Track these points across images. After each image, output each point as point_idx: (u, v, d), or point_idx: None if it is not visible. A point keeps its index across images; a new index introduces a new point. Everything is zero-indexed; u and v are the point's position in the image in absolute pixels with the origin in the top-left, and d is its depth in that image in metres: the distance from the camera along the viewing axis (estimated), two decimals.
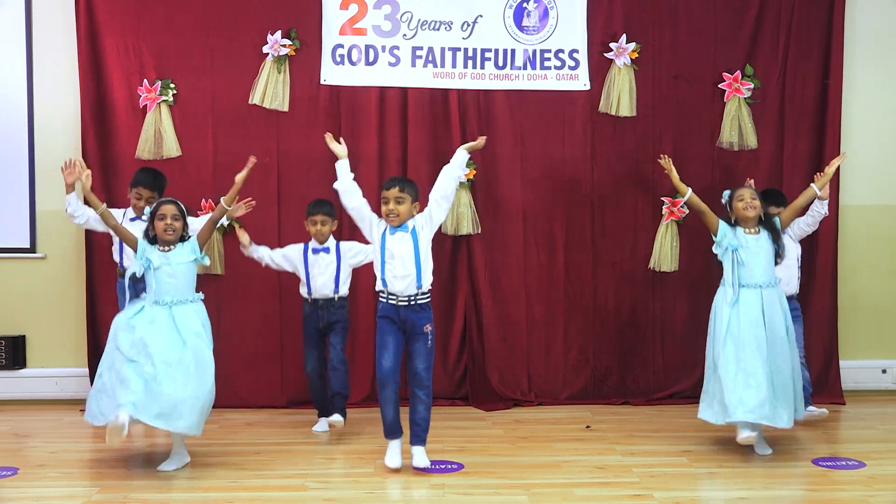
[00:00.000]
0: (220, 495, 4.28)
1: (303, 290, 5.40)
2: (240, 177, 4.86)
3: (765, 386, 4.68)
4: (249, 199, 5.39)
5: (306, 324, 5.40)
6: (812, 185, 5.11)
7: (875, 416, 5.82)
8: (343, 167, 4.68)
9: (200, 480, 4.50)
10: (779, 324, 4.83)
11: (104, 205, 4.89)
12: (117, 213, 5.51)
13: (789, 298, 5.34)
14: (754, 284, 4.84)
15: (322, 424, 5.42)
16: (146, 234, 4.72)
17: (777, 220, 4.97)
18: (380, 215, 4.65)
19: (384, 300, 4.62)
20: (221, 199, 4.86)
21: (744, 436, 4.76)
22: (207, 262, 4.84)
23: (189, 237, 4.76)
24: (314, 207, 5.35)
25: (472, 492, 4.31)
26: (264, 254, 5.45)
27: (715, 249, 4.95)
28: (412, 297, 4.57)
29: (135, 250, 4.71)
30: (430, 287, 4.65)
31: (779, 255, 4.93)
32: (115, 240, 5.55)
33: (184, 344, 4.56)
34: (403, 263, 4.56)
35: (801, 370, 5.49)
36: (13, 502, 4.23)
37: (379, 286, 4.64)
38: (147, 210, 4.86)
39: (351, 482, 4.46)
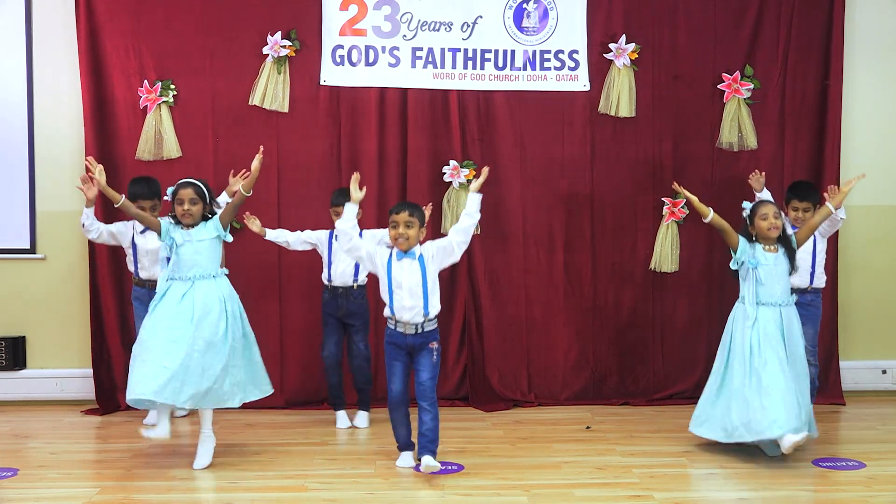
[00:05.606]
0: (220, 495, 4.29)
1: (324, 276, 5.48)
2: (255, 165, 4.86)
3: (794, 400, 4.66)
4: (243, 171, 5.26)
5: (325, 310, 5.51)
6: (828, 203, 5.11)
7: (875, 417, 5.82)
8: (352, 210, 4.62)
9: (200, 481, 4.51)
10: (797, 342, 4.87)
11: (123, 197, 4.96)
12: (127, 228, 5.50)
13: (804, 291, 5.38)
14: (773, 303, 4.84)
15: (343, 420, 5.51)
16: (171, 215, 4.82)
17: (793, 238, 4.95)
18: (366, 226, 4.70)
19: (392, 327, 4.63)
20: (240, 186, 4.88)
21: (787, 443, 4.60)
22: (230, 239, 4.88)
23: (212, 215, 4.82)
24: (338, 197, 5.34)
25: (472, 493, 4.31)
26: (289, 237, 5.48)
27: (733, 266, 4.93)
28: (419, 325, 4.58)
29: (159, 234, 4.78)
30: (438, 313, 4.65)
31: (792, 270, 4.93)
32: (130, 250, 5.54)
33: (191, 322, 4.62)
34: (412, 294, 4.55)
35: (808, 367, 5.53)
36: (13, 503, 4.24)
37: (387, 312, 4.63)
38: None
39: (351, 482, 4.46)
